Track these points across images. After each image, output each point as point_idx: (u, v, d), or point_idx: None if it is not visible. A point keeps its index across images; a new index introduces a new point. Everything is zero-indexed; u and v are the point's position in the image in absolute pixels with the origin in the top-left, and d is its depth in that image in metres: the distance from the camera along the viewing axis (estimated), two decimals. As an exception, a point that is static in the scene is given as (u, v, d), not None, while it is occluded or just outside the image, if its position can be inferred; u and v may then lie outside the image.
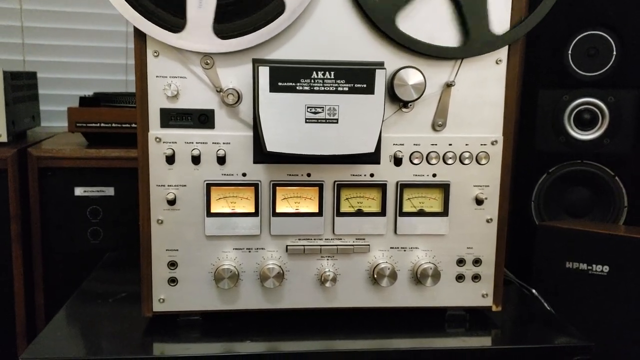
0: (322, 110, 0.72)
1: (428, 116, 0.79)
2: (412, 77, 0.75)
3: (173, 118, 0.76)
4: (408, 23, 0.75)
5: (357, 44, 0.76)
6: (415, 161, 0.80)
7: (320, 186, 0.79)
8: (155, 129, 0.76)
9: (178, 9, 0.71)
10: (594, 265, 1.00)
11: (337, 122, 0.73)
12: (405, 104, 0.77)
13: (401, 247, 0.82)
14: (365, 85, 0.72)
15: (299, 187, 0.79)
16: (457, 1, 0.75)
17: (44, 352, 0.72)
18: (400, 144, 0.79)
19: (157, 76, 0.75)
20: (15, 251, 1.16)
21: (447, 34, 0.77)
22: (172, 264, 0.79)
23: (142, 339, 0.78)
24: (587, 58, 1.16)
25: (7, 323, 1.18)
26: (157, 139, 0.76)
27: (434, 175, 0.81)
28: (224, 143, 0.77)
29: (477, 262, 0.83)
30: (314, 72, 0.71)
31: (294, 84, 0.71)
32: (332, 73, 0.71)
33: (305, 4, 0.72)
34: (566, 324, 0.85)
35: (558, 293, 1.01)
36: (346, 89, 0.72)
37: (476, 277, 0.84)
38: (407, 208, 0.81)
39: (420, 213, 0.81)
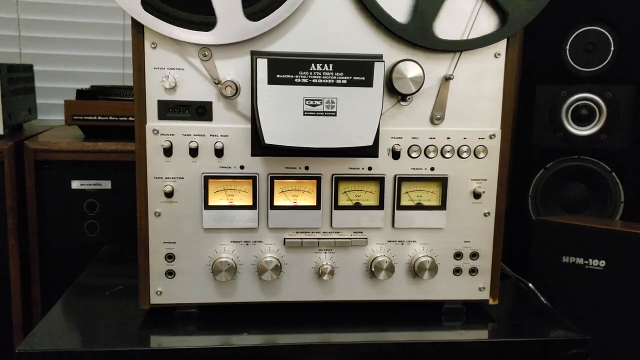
0: (321, 102, 0.72)
1: (426, 110, 0.79)
2: (411, 70, 0.75)
3: (171, 110, 0.76)
4: (407, 15, 0.75)
5: (356, 36, 0.75)
6: (414, 155, 0.80)
7: (318, 179, 0.79)
8: (152, 121, 0.76)
9: (205, 7, 0.71)
10: (590, 260, 1.01)
11: (335, 115, 0.73)
12: (403, 97, 0.77)
13: (399, 241, 0.82)
14: (363, 78, 0.72)
15: (296, 180, 0.79)
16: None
17: (40, 344, 0.72)
18: (399, 138, 0.79)
19: (154, 68, 0.74)
20: (11, 244, 1.16)
21: (449, 27, 0.77)
22: (170, 257, 0.79)
23: (139, 331, 0.77)
24: (584, 54, 1.16)
25: (4, 316, 1.18)
26: (155, 131, 0.76)
27: (432, 169, 0.81)
28: (221, 135, 0.77)
29: (474, 255, 0.83)
30: (313, 65, 0.71)
31: (292, 77, 0.71)
32: (331, 66, 0.71)
33: (304, -4, 0.72)
34: (562, 317, 0.85)
35: (554, 287, 1.01)
36: (344, 81, 0.72)
37: (473, 271, 0.84)
38: (405, 201, 0.81)
39: (418, 206, 0.81)
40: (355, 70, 0.72)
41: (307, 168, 0.79)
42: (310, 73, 0.71)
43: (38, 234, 1.19)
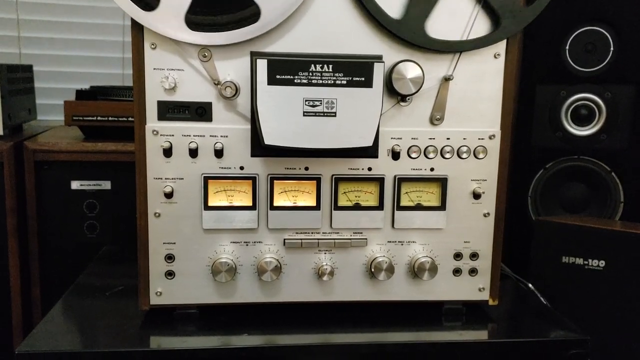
0: (320, 103, 0.72)
1: (426, 110, 0.79)
2: (411, 70, 0.75)
3: (170, 111, 0.76)
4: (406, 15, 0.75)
5: (356, 37, 0.75)
6: (413, 155, 0.80)
7: (318, 180, 0.79)
8: (152, 122, 0.76)
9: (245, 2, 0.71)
10: (590, 260, 1.01)
11: (335, 116, 0.73)
12: (403, 98, 0.77)
13: (398, 241, 0.82)
14: (363, 79, 0.72)
15: (296, 181, 0.79)
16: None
17: (40, 345, 0.72)
18: (398, 138, 0.79)
19: (154, 68, 0.74)
20: (11, 245, 1.16)
21: (447, 27, 0.77)
22: (170, 257, 0.79)
23: (139, 332, 0.77)
24: (584, 54, 1.16)
25: (4, 316, 1.18)
26: (155, 132, 0.76)
27: (432, 169, 0.81)
28: (221, 136, 0.77)
29: (474, 256, 0.83)
30: (312, 65, 0.71)
31: (292, 77, 0.71)
32: (331, 66, 0.71)
33: (303, -3, 0.72)
34: (562, 318, 0.85)
35: (554, 287, 1.01)
36: (344, 82, 0.72)
37: (473, 271, 0.84)
38: (404, 202, 0.81)
39: (418, 207, 0.81)
40: (355, 70, 0.72)
41: (306, 168, 0.79)
42: (310, 74, 0.71)
43: (38, 234, 1.19)
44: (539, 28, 1.12)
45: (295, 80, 0.71)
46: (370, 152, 0.76)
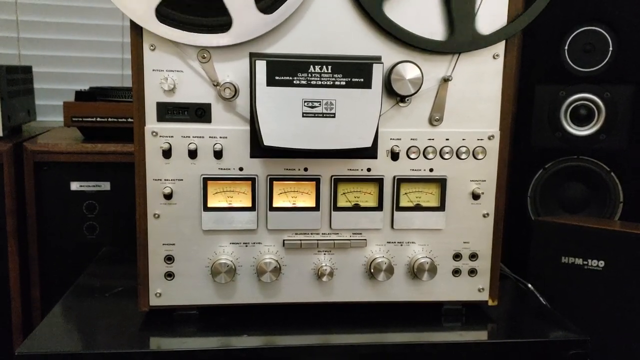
0: (319, 104, 0.72)
1: (425, 111, 0.79)
2: (409, 71, 0.75)
3: (169, 112, 0.76)
4: (405, 16, 0.75)
5: (355, 38, 0.75)
6: (412, 156, 0.80)
7: (317, 181, 0.79)
8: (151, 123, 0.76)
9: (219, 10, 0.71)
10: (589, 260, 1.01)
11: (334, 117, 0.73)
12: (402, 99, 0.77)
13: (398, 242, 0.82)
14: (362, 80, 0.72)
15: (295, 182, 0.79)
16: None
17: (40, 346, 0.72)
18: (397, 139, 0.79)
19: (153, 70, 0.74)
20: (11, 246, 1.16)
21: (444, 27, 0.77)
22: (169, 259, 0.79)
23: (139, 333, 0.77)
24: (583, 54, 1.16)
25: (3, 318, 1.18)
26: (154, 133, 0.76)
27: (431, 170, 0.81)
28: (220, 137, 0.77)
29: (473, 256, 0.84)
30: (311, 66, 0.71)
31: (291, 78, 0.71)
32: (330, 67, 0.71)
33: (302, -2, 0.72)
34: (562, 318, 0.85)
35: (554, 288, 1.01)
36: (343, 83, 0.72)
37: (472, 272, 0.84)
38: (403, 203, 0.81)
39: (417, 208, 0.81)
40: (354, 71, 0.72)
41: (306, 169, 0.79)
42: (309, 75, 0.71)
43: (37, 235, 1.19)
44: (538, 28, 1.12)
45: (295, 82, 0.71)
46: (370, 152, 0.76)
